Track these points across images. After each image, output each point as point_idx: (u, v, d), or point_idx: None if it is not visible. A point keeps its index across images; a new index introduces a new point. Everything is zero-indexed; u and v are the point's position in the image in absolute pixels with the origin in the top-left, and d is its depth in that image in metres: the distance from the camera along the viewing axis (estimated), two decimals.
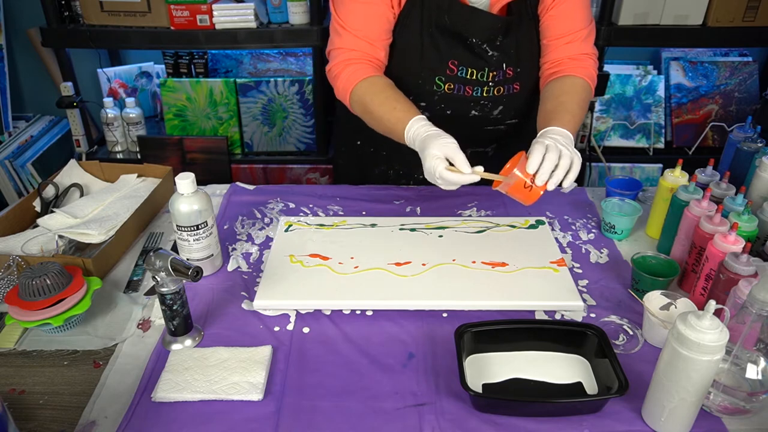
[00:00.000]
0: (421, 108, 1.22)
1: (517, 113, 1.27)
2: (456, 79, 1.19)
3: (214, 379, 0.85)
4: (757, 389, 0.77)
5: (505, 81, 1.21)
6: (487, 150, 1.35)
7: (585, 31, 1.18)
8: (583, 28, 1.17)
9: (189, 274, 0.85)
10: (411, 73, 1.19)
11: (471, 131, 1.27)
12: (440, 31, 1.15)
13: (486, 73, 1.19)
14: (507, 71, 1.20)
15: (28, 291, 0.91)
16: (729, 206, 1.03)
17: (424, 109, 1.23)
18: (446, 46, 1.16)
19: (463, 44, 1.16)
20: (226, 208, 1.31)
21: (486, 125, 1.28)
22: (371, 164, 1.41)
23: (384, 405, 0.82)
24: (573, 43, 1.17)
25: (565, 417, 0.80)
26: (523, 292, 1.01)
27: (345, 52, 1.14)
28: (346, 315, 0.99)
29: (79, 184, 1.30)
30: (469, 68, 1.18)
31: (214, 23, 2.01)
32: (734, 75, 2.28)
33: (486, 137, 1.32)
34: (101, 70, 2.34)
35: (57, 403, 0.83)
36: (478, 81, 1.19)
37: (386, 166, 1.40)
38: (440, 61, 1.17)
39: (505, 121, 1.28)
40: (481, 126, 1.27)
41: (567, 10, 1.16)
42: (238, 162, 2.25)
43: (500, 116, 1.26)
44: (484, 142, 1.33)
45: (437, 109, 1.23)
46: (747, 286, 0.81)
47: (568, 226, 1.24)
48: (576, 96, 1.14)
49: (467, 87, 1.20)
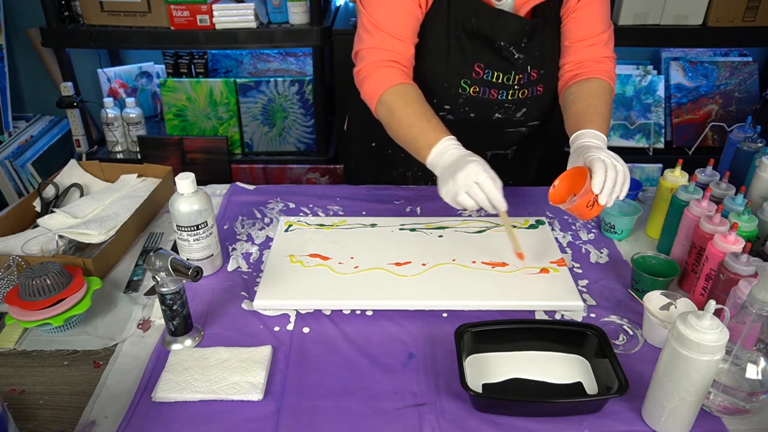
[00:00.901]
0: (445, 111, 1.22)
1: (539, 115, 1.27)
2: (482, 82, 1.18)
3: (214, 379, 0.85)
4: (757, 389, 0.77)
5: (530, 83, 1.21)
6: (507, 152, 1.35)
7: (606, 34, 1.18)
8: (603, 31, 1.18)
9: (189, 274, 0.85)
10: (436, 76, 1.18)
11: (493, 134, 1.28)
12: (466, 34, 1.15)
13: (512, 76, 1.18)
14: (531, 73, 1.20)
15: (28, 291, 0.91)
16: (729, 206, 1.03)
17: (448, 112, 1.23)
18: (472, 49, 1.16)
19: (490, 47, 1.16)
20: (226, 208, 1.31)
21: (507, 127, 1.27)
22: (388, 166, 1.40)
23: (384, 405, 0.82)
24: (595, 46, 1.18)
25: (565, 417, 0.80)
26: (523, 292, 1.01)
27: (377, 53, 1.12)
28: (346, 315, 0.99)
29: (79, 184, 1.30)
30: (495, 71, 1.17)
31: (214, 23, 2.01)
32: (734, 75, 2.28)
33: (507, 140, 1.31)
34: (101, 70, 2.34)
35: (57, 403, 0.83)
36: (504, 84, 1.19)
37: (404, 168, 1.39)
38: (466, 64, 1.17)
39: (527, 123, 1.27)
40: (503, 128, 1.27)
41: (589, 13, 1.16)
42: (238, 162, 2.25)
43: (523, 118, 1.26)
44: (504, 145, 1.33)
45: (461, 112, 1.22)
46: (747, 286, 0.81)
47: (568, 226, 1.24)
48: (604, 99, 1.15)
49: (492, 90, 1.19)
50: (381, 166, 1.41)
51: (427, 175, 1.38)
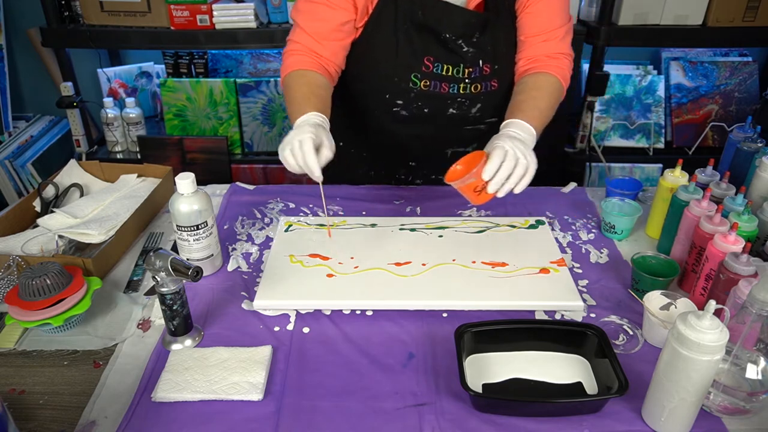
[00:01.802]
0: (398, 106, 1.22)
1: (496, 112, 1.26)
2: (432, 75, 1.18)
3: (214, 379, 0.85)
4: (757, 389, 0.77)
5: (482, 78, 1.20)
6: (468, 150, 1.34)
7: (562, 29, 1.17)
8: (560, 26, 1.17)
9: (189, 274, 0.85)
10: (387, 71, 1.18)
11: (451, 130, 1.27)
12: (415, 28, 1.15)
13: (461, 69, 1.18)
14: (484, 68, 1.19)
15: (28, 291, 0.91)
16: (729, 206, 1.03)
17: (401, 107, 1.22)
18: (421, 43, 1.16)
19: (437, 40, 1.16)
20: (226, 208, 1.31)
21: (465, 125, 1.27)
22: (354, 166, 1.40)
23: (384, 405, 0.82)
24: (550, 41, 1.17)
25: (565, 417, 0.80)
26: (523, 292, 1.01)
27: (292, 44, 1.16)
28: (346, 315, 0.99)
29: (79, 184, 1.30)
30: (444, 64, 1.17)
31: (214, 23, 2.01)
32: (734, 75, 2.28)
33: (466, 136, 1.31)
34: (101, 70, 2.34)
35: (57, 403, 0.83)
36: (454, 77, 1.18)
37: (368, 167, 1.40)
38: (416, 57, 1.16)
39: (485, 120, 1.27)
40: (461, 125, 1.27)
41: (545, 8, 1.15)
42: (238, 162, 2.25)
43: (479, 114, 1.25)
44: (464, 142, 1.33)
45: (414, 107, 1.22)
46: (747, 286, 0.81)
47: (568, 226, 1.24)
48: (547, 93, 1.14)
49: (443, 84, 1.19)
50: (348, 166, 1.41)
51: (390, 174, 1.38)
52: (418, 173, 1.37)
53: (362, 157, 1.37)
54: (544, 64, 1.18)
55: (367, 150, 1.35)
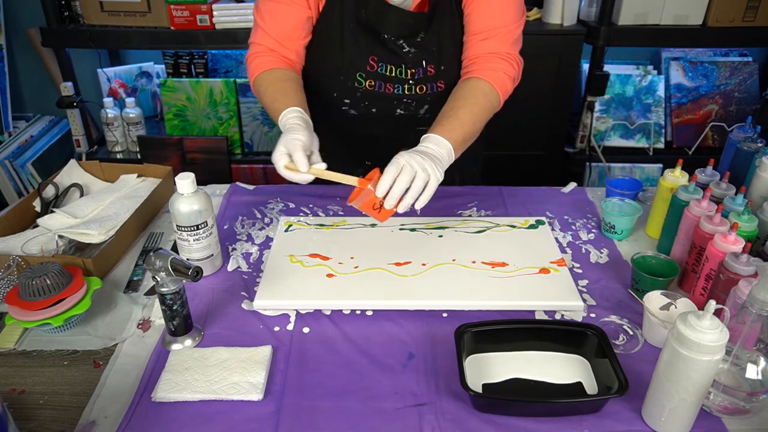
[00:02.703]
0: (346, 105, 1.22)
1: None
2: (376, 75, 1.18)
3: (214, 379, 0.85)
4: (757, 389, 0.77)
5: (427, 79, 1.19)
6: None
7: (506, 28, 1.10)
8: (504, 25, 1.10)
9: (189, 274, 0.85)
10: (333, 69, 1.19)
11: (401, 131, 1.25)
12: (360, 27, 1.15)
13: (404, 70, 1.18)
14: (428, 69, 1.18)
15: (28, 291, 0.91)
16: (729, 206, 1.03)
17: (349, 107, 1.22)
18: (366, 42, 1.16)
19: (379, 40, 1.16)
20: (226, 208, 1.31)
21: (417, 125, 1.24)
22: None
23: (384, 405, 0.82)
24: (489, 39, 1.11)
25: (565, 417, 0.80)
26: (523, 292, 1.01)
27: (255, 46, 1.17)
28: (346, 315, 0.99)
29: (79, 184, 1.30)
30: (388, 65, 1.17)
31: (214, 23, 2.01)
32: (734, 75, 2.28)
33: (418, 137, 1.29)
34: (101, 70, 2.35)
35: (57, 403, 0.83)
36: (398, 78, 1.18)
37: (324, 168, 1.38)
38: (360, 56, 1.16)
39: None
40: (411, 126, 1.25)
41: (489, 4, 1.10)
42: (238, 162, 2.25)
43: (428, 116, 1.22)
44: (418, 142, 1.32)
45: (362, 107, 1.22)
46: (747, 286, 0.81)
47: (568, 226, 1.24)
48: (472, 101, 1.08)
49: (388, 84, 1.19)
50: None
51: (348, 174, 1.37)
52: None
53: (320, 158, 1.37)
54: (480, 67, 1.12)
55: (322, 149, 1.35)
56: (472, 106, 1.07)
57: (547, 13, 2.14)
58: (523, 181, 1.48)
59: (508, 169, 2.11)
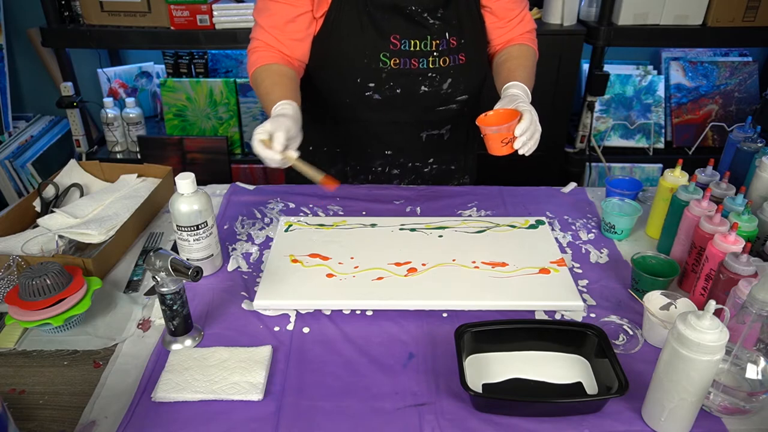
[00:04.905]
0: (371, 90, 1.23)
1: (467, 88, 1.28)
2: (400, 53, 1.20)
3: (214, 379, 0.85)
4: (757, 389, 0.77)
5: (450, 51, 1.22)
6: (442, 132, 1.35)
7: (525, 10, 1.30)
8: (524, 8, 1.30)
9: (189, 274, 0.85)
10: (356, 54, 1.20)
11: (424, 112, 1.28)
12: (377, 7, 1.17)
13: (429, 41, 1.20)
14: (450, 41, 1.22)
15: (28, 291, 0.91)
16: (729, 206, 1.03)
17: (374, 91, 1.23)
18: (386, 22, 1.18)
19: (402, 15, 1.18)
20: (226, 208, 1.31)
21: (438, 105, 1.28)
22: (327, 165, 1.39)
23: (384, 405, 0.82)
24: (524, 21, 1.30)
25: (565, 417, 0.80)
26: (523, 292, 1.01)
27: (254, 41, 1.22)
28: (346, 315, 0.99)
29: (79, 184, 1.30)
30: (411, 40, 1.20)
31: (214, 23, 2.01)
32: (734, 75, 2.28)
33: (439, 118, 1.32)
34: (101, 70, 2.35)
35: (57, 403, 0.83)
36: (422, 51, 1.21)
37: (343, 164, 1.39)
38: (382, 37, 1.18)
39: (456, 98, 1.29)
40: (434, 106, 1.28)
41: None
42: (238, 162, 2.25)
43: (450, 91, 1.26)
44: (438, 124, 1.34)
45: (386, 88, 1.23)
46: (747, 286, 0.81)
47: (568, 226, 1.24)
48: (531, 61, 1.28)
49: (413, 60, 1.21)
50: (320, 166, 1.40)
51: (367, 168, 1.38)
52: (395, 162, 1.37)
53: (335, 154, 1.38)
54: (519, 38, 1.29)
55: (340, 146, 1.36)
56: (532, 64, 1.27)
57: (547, 13, 2.14)
58: (523, 181, 1.48)
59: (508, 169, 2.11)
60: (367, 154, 1.36)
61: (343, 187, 1.40)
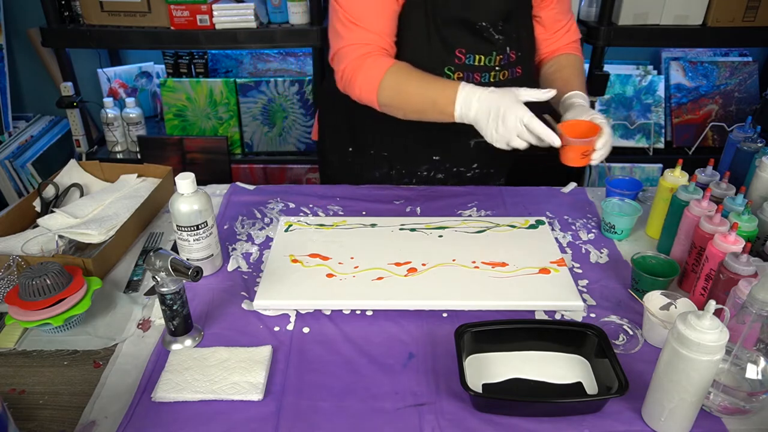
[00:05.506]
0: None
1: None
2: (464, 67, 1.20)
3: (214, 379, 0.85)
4: (757, 389, 0.77)
5: (509, 65, 1.23)
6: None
7: (573, 20, 1.33)
8: (571, 17, 1.32)
9: (189, 274, 0.85)
10: (420, 65, 1.18)
11: None
12: (445, 21, 1.16)
13: (494, 57, 1.20)
14: (510, 54, 1.22)
15: (28, 291, 0.91)
16: (729, 206, 1.03)
17: None
18: (452, 36, 1.17)
19: (470, 30, 1.17)
20: (226, 208, 1.31)
21: None
22: (370, 168, 1.40)
23: (384, 405, 0.82)
24: (570, 31, 1.32)
25: (565, 417, 0.80)
26: (523, 292, 1.01)
27: (358, 48, 1.13)
28: (346, 315, 0.99)
29: (79, 184, 1.30)
30: (476, 54, 1.19)
31: (214, 23, 2.01)
32: (734, 75, 2.28)
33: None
34: (101, 70, 2.34)
35: (57, 403, 0.83)
36: (486, 66, 1.21)
37: (388, 168, 1.39)
38: (447, 51, 1.18)
39: None
40: None
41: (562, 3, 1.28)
42: (238, 162, 2.25)
43: None
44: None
45: None
46: (747, 286, 0.81)
47: (568, 226, 1.24)
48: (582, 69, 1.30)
49: (476, 74, 1.21)
50: (363, 168, 1.41)
51: (413, 172, 1.38)
52: (441, 167, 1.38)
53: (381, 158, 1.37)
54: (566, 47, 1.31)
55: (388, 150, 1.35)
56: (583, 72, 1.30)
57: None
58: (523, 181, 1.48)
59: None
60: (414, 159, 1.36)
61: (344, 186, 1.40)
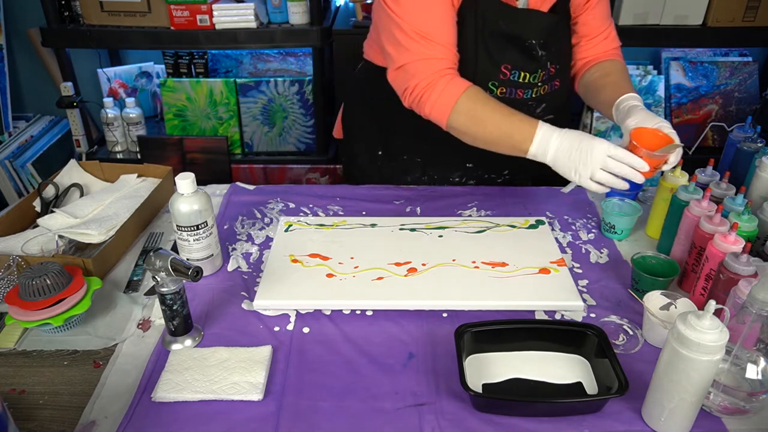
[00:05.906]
0: None
1: (554, 109, 1.28)
2: (508, 83, 1.19)
3: (214, 379, 0.85)
4: (757, 389, 0.77)
5: (549, 79, 1.23)
6: None
7: (612, 26, 1.27)
8: (610, 24, 1.27)
9: (189, 274, 0.85)
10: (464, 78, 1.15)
11: None
12: (492, 36, 1.15)
13: (538, 74, 1.20)
14: (550, 69, 1.22)
15: (28, 291, 0.91)
16: (729, 206, 1.03)
17: None
18: (498, 51, 1.16)
19: (517, 47, 1.16)
20: (226, 208, 1.31)
21: None
22: (402, 172, 1.39)
23: (384, 405, 0.82)
24: (607, 39, 1.27)
25: (565, 417, 0.80)
26: (523, 292, 1.01)
27: (430, 63, 1.08)
28: (346, 315, 0.99)
29: (79, 184, 1.30)
30: (521, 71, 1.18)
31: (214, 23, 2.01)
32: (734, 75, 2.28)
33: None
34: (101, 70, 2.34)
35: (57, 403, 0.83)
36: (530, 83, 1.20)
37: (420, 173, 1.39)
38: (493, 66, 1.17)
39: (544, 118, 1.26)
40: None
41: (600, 9, 1.24)
42: (238, 162, 2.25)
43: (541, 114, 1.26)
44: None
45: None
46: (747, 286, 0.81)
47: (568, 226, 1.24)
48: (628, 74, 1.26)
49: (519, 90, 1.20)
50: (394, 171, 1.40)
51: (445, 178, 1.38)
52: (473, 174, 1.38)
53: (415, 163, 1.37)
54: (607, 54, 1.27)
55: (422, 156, 1.34)
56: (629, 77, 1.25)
57: None
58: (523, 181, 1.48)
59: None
60: (449, 165, 1.37)
61: (344, 186, 1.40)
